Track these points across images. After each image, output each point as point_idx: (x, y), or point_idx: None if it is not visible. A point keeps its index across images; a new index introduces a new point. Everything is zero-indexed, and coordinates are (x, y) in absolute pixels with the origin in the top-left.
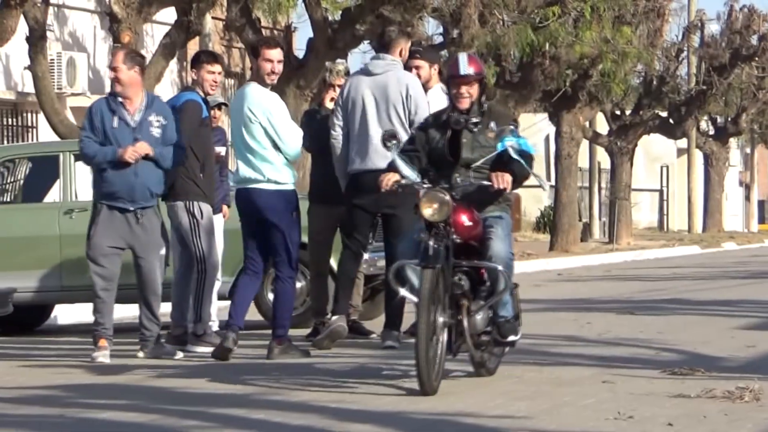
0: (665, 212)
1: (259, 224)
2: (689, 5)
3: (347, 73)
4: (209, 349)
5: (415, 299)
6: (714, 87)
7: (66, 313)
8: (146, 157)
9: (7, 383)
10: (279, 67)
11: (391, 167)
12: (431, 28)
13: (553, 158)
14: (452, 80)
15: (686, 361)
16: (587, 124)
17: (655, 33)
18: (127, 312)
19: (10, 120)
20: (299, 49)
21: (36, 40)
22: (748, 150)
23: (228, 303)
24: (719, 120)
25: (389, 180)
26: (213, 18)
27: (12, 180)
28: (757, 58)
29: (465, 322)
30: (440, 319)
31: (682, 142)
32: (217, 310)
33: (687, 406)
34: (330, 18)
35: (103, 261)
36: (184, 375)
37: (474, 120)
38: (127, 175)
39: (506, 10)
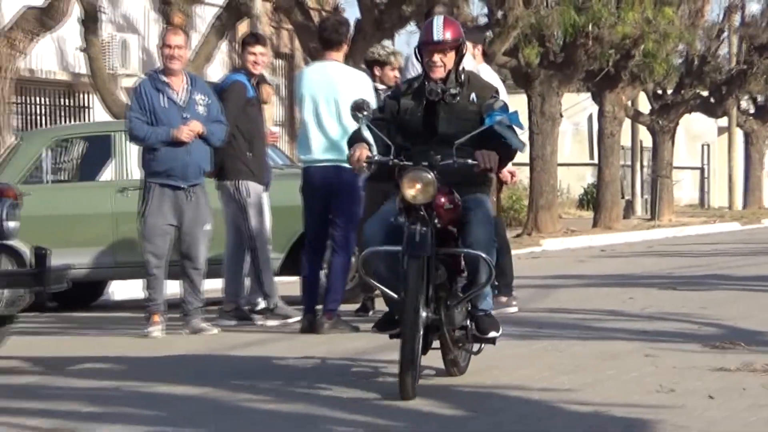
0: (706, 190)
1: (324, 200)
2: None
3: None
4: (277, 323)
5: (391, 294)
6: (754, 66)
7: (121, 289)
8: (197, 135)
9: (65, 355)
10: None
11: (357, 137)
12: (476, 8)
13: (596, 137)
14: (425, 47)
15: (727, 335)
16: (629, 103)
17: (696, 13)
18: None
19: (65, 100)
20: None
21: (89, 23)
22: None
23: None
24: (759, 99)
25: (360, 156)
26: (262, 0)
27: (67, 159)
28: None
29: (443, 317)
30: (423, 314)
31: (723, 121)
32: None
33: (727, 379)
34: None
35: (157, 240)
36: (235, 348)
37: (452, 91)
38: (181, 154)
39: None
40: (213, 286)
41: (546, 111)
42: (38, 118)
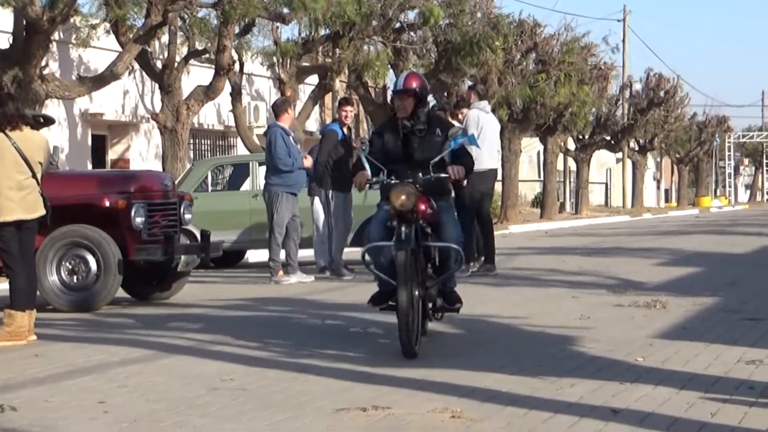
0: (609, 196)
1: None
2: (623, 71)
3: None
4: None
5: (385, 278)
6: (638, 122)
7: (254, 256)
8: None
9: (217, 298)
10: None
11: (359, 165)
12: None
13: (542, 164)
14: (394, 94)
15: (622, 284)
16: (562, 144)
17: (602, 89)
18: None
19: (220, 142)
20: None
21: (235, 94)
22: (658, 159)
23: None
24: (641, 141)
25: (363, 180)
26: (340, 81)
27: (222, 177)
28: (663, 104)
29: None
30: (416, 293)
31: (619, 155)
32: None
33: (622, 311)
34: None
35: (283, 225)
36: (322, 291)
37: (419, 127)
38: (302, 175)
39: (514, 75)
40: (306, 253)
41: (512, 148)
42: (204, 152)
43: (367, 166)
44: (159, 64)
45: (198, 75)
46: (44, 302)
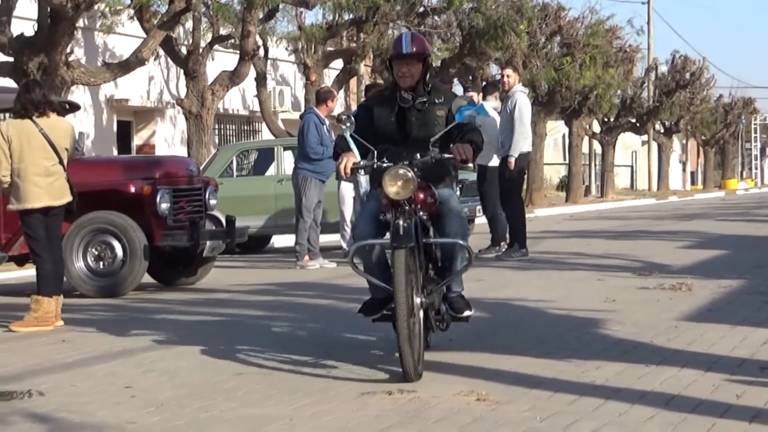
0: (634, 179)
1: None
2: (648, 54)
3: None
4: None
5: (377, 282)
6: (663, 104)
7: (279, 241)
8: None
9: (242, 283)
10: None
11: (342, 146)
12: (493, 69)
13: (567, 147)
14: (395, 59)
15: (647, 267)
16: (587, 126)
17: (628, 72)
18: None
19: (244, 127)
20: None
21: (260, 80)
22: (684, 141)
23: None
24: (667, 124)
25: (347, 163)
26: (364, 65)
27: (247, 162)
28: (688, 86)
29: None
30: (417, 300)
31: (644, 138)
32: None
33: (648, 294)
34: (433, 64)
35: (312, 209)
36: (346, 276)
37: (422, 99)
38: (332, 162)
39: (538, 59)
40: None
41: (537, 132)
42: (229, 137)
43: (353, 146)
44: (184, 50)
45: (222, 60)
46: (71, 288)
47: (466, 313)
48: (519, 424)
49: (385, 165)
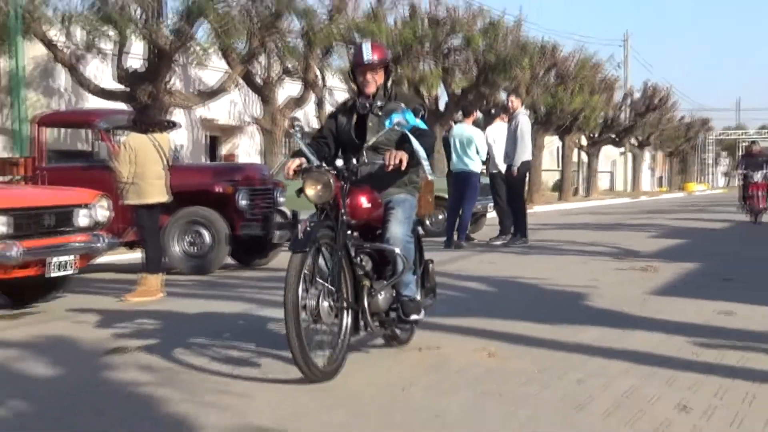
0: (613, 182)
1: (457, 186)
2: (625, 83)
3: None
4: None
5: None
6: (637, 123)
7: None
8: None
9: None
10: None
11: (296, 152)
12: (502, 96)
13: (560, 157)
14: (357, 68)
15: (623, 252)
16: (577, 140)
17: (609, 98)
18: None
19: (307, 141)
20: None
21: (319, 104)
22: (653, 152)
23: None
24: (639, 139)
25: (290, 167)
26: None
27: None
28: (657, 109)
29: (365, 302)
30: (325, 304)
31: (622, 150)
32: None
33: (623, 274)
34: (456, 91)
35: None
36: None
37: (379, 104)
38: None
39: (538, 87)
40: None
41: (537, 145)
42: (294, 149)
43: (305, 150)
44: (259, 80)
45: (290, 88)
46: (170, 267)
47: (413, 317)
48: (522, 375)
49: (307, 168)
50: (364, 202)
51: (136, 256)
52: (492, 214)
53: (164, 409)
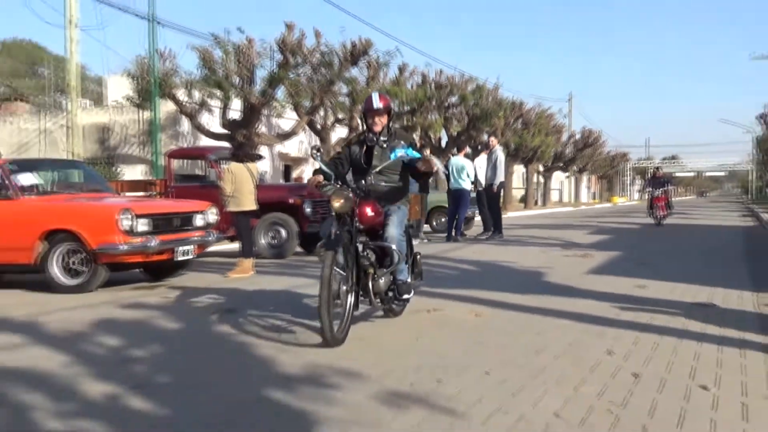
0: (561, 196)
1: (455, 199)
2: (569, 128)
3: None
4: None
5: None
6: (577, 156)
7: None
8: None
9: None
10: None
11: (317, 171)
12: (484, 137)
13: (525, 179)
14: (368, 112)
15: (568, 244)
16: (537, 167)
17: (558, 138)
18: None
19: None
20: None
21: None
22: (589, 176)
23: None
24: (579, 166)
25: (314, 181)
26: (415, 134)
27: None
28: (591, 146)
29: (370, 285)
30: (344, 287)
31: (567, 174)
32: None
33: (569, 259)
34: (453, 133)
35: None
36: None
37: (383, 139)
38: None
39: (510, 131)
40: None
41: (509, 170)
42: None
43: (325, 169)
44: (318, 126)
45: (339, 131)
46: (259, 253)
47: (405, 296)
48: (500, 330)
49: (331, 187)
50: (369, 211)
51: (235, 246)
52: (478, 218)
53: (251, 352)
